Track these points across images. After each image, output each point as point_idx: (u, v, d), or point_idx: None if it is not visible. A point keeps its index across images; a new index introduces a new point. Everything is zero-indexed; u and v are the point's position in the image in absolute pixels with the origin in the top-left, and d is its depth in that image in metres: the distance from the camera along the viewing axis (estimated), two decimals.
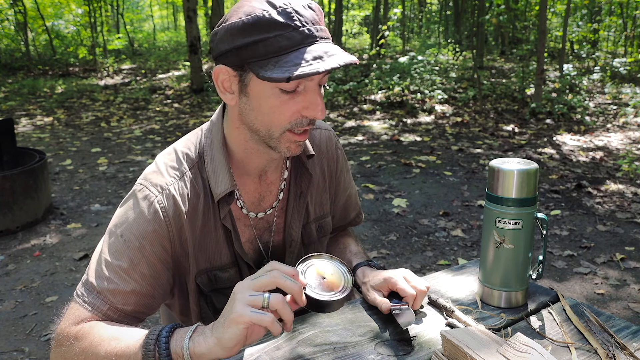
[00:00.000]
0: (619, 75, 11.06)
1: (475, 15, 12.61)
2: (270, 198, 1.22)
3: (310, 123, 1.05)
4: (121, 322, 1.06)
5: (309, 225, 1.29)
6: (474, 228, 3.96)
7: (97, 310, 1.04)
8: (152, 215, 1.07)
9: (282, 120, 1.03)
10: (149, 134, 7.14)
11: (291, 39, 0.95)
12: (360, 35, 20.67)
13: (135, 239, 1.06)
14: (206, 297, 1.18)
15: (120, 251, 1.06)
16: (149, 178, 1.11)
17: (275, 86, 0.99)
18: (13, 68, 12.92)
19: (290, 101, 1.01)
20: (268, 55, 0.96)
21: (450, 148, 6.28)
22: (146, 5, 24.47)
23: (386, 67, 10.05)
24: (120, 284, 1.05)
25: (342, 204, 1.41)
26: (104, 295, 1.04)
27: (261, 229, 1.23)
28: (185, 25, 10.13)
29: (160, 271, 1.09)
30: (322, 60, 0.94)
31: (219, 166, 1.12)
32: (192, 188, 1.12)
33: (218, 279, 1.17)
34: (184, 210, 1.09)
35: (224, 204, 1.12)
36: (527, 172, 1.14)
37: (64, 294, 3.04)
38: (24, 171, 3.88)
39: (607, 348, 1.05)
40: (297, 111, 1.02)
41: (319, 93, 1.02)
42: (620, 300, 2.97)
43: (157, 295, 1.10)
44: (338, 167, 1.35)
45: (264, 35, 0.95)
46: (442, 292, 1.29)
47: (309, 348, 1.06)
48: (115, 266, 1.05)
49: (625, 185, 4.88)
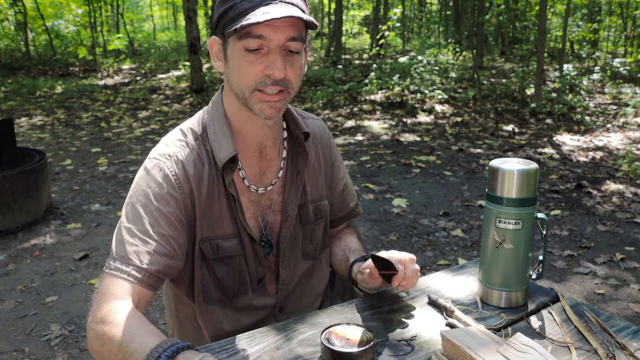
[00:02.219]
0: (619, 75, 11.06)
1: (475, 15, 12.60)
2: (270, 174, 1.29)
3: (274, 84, 1.11)
4: (146, 282, 1.10)
5: (306, 205, 1.35)
6: (474, 228, 3.96)
7: (122, 272, 1.10)
8: (164, 179, 1.15)
9: (248, 78, 1.12)
10: (149, 134, 7.13)
11: (252, 2, 1.07)
12: (360, 35, 20.67)
13: (151, 203, 1.14)
14: (208, 264, 1.23)
15: (138, 216, 1.14)
16: (156, 151, 1.21)
17: (241, 46, 1.10)
18: (13, 68, 12.91)
19: (256, 61, 1.10)
20: (235, 18, 1.08)
21: (450, 148, 6.27)
22: (146, 5, 24.46)
23: (386, 67, 10.05)
24: (142, 245, 1.12)
25: (340, 192, 1.46)
26: (127, 258, 1.11)
27: (263, 206, 1.29)
28: (185, 25, 10.12)
29: (178, 231, 1.16)
30: (268, 14, 1.04)
31: (221, 135, 1.20)
32: (197, 156, 1.20)
33: (220, 248, 1.23)
34: (192, 173, 1.17)
35: (228, 171, 1.19)
36: (527, 172, 1.14)
37: (64, 294, 3.04)
38: (24, 171, 3.88)
39: (607, 348, 1.05)
40: (261, 70, 1.11)
41: (278, 53, 1.10)
42: (620, 300, 2.97)
43: (177, 256, 1.16)
44: (332, 154, 1.43)
45: (233, 2, 1.09)
46: (442, 292, 1.29)
47: (309, 348, 1.06)
48: (135, 230, 1.13)
49: (625, 185, 4.88)
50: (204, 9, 17.19)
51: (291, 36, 1.09)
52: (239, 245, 1.24)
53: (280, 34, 1.08)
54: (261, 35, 1.07)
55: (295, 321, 1.16)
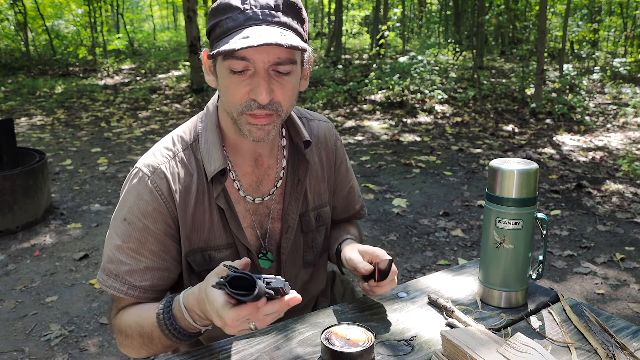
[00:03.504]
0: (619, 75, 11.06)
1: (475, 15, 12.59)
2: (268, 184, 1.25)
3: (260, 107, 1.06)
4: (143, 297, 1.15)
5: (307, 214, 1.31)
6: (474, 228, 3.96)
7: (119, 291, 1.14)
8: (148, 196, 1.14)
9: (234, 101, 1.07)
10: (149, 134, 7.13)
11: (235, 20, 1.02)
12: (360, 35, 20.67)
13: (138, 220, 1.13)
14: (198, 275, 1.21)
15: (127, 234, 1.13)
16: (143, 160, 1.19)
17: (227, 66, 1.04)
18: (13, 68, 12.90)
19: (240, 83, 1.05)
20: (220, 36, 1.04)
21: (450, 148, 6.27)
22: (146, 5, 24.46)
23: (386, 67, 10.05)
24: (133, 264, 1.13)
25: (344, 195, 1.42)
26: (121, 277, 1.13)
27: (261, 215, 1.25)
28: (185, 25, 10.12)
29: (169, 245, 1.16)
30: (247, 39, 0.98)
31: (212, 146, 1.17)
32: (185, 168, 1.17)
33: (212, 259, 1.20)
34: (174, 188, 1.15)
35: (217, 183, 1.16)
36: (527, 172, 1.14)
37: (64, 294, 3.04)
38: (24, 171, 3.88)
39: (607, 348, 1.05)
40: (246, 93, 1.06)
41: (263, 77, 1.03)
42: (620, 300, 2.97)
43: (172, 267, 1.18)
44: (337, 158, 1.38)
45: (219, 18, 1.04)
46: (442, 292, 1.29)
47: (309, 348, 1.06)
48: (125, 248, 1.13)
49: (625, 185, 4.88)
50: (204, 9, 17.18)
51: (276, 60, 1.03)
52: (233, 256, 1.21)
53: (265, 56, 1.02)
54: (245, 58, 1.02)
55: (295, 321, 1.16)
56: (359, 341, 1.02)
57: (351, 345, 1.00)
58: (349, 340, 1.02)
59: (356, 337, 1.03)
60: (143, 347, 1.12)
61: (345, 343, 1.01)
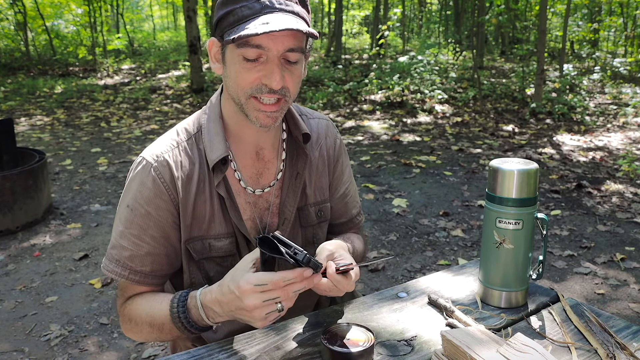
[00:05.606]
0: (619, 75, 11.06)
1: (475, 15, 12.60)
2: (268, 176, 1.27)
3: (270, 92, 1.10)
4: (144, 282, 1.20)
5: (307, 208, 1.32)
6: (474, 228, 3.96)
7: (120, 276, 1.18)
8: (151, 183, 1.17)
9: (244, 85, 1.11)
10: (149, 134, 7.13)
11: (252, 9, 1.06)
12: (360, 35, 20.67)
13: (141, 207, 1.17)
14: (198, 263, 1.23)
15: (130, 220, 1.18)
16: (147, 150, 1.22)
17: (239, 54, 1.08)
18: (13, 68, 12.90)
19: (253, 69, 1.09)
20: (234, 24, 1.07)
21: (450, 148, 6.27)
22: (146, 5, 24.46)
23: (386, 67, 10.05)
24: (135, 249, 1.18)
25: (341, 195, 1.41)
26: (123, 262, 1.18)
27: (261, 209, 1.27)
28: (185, 25, 10.12)
29: (170, 232, 1.19)
30: (268, 25, 1.02)
31: (214, 136, 1.20)
32: (187, 156, 1.20)
33: (212, 247, 1.23)
34: (177, 176, 1.18)
35: (218, 172, 1.19)
36: (527, 172, 1.14)
37: (63, 294, 3.04)
38: (24, 171, 3.88)
39: (607, 348, 1.05)
40: (258, 78, 1.10)
41: (276, 63, 1.08)
42: (620, 300, 2.97)
43: (172, 254, 1.22)
44: (337, 155, 1.39)
45: (233, 6, 1.07)
46: (442, 292, 1.29)
47: (309, 348, 1.06)
48: (127, 234, 1.18)
49: (625, 185, 4.88)
50: (204, 8, 17.20)
51: (290, 47, 1.08)
52: (232, 245, 1.23)
53: (280, 44, 1.06)
54: (260, 45, 1.06)
55: (295, 321, 1.16)
56: (359, 341, 1.02)
57: (351, 345, 1.00)
58: (349, 340, 1.02)
59: (356, 337, 1.03)
60: (151, 334, 1.18)
61: (345, 343, 1.01)
